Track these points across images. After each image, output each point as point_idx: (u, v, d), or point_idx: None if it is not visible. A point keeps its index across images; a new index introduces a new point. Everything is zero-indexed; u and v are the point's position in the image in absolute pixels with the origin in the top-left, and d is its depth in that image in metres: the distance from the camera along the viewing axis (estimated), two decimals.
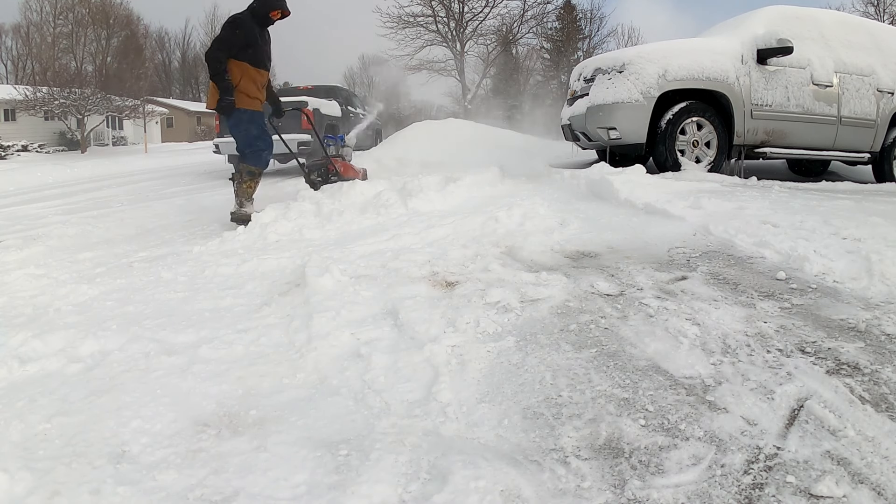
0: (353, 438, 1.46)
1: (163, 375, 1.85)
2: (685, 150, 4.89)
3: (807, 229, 2.69)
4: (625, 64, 4.89)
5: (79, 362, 1.98)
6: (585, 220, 3.28)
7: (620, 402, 1.53)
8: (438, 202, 3.84)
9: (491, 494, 1.22)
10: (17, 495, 1.29)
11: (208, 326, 2.21)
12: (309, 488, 1.29)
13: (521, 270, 2.50)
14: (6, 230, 4.55)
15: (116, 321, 2.35)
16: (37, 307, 2.61)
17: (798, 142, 5.18)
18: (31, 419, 1.61)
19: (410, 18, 22.64)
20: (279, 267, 2.85)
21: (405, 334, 2.00)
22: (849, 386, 1.52)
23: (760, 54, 4.96)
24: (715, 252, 2.63)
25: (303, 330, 2.08)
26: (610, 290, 2.27)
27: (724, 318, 1.93)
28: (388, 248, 2.98)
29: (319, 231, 3.47)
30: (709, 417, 1.44)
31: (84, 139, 20.99)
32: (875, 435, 1.33)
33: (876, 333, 1.80)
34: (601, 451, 1.36)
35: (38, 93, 20.35)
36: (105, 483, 1.33)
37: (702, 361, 1.69)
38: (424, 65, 23.61)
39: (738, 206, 3.22)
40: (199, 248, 3.41)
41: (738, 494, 1.20)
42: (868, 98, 5.27)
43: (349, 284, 2.47)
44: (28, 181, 10.65)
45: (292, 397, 1.68)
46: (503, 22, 24.25)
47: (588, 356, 1.78)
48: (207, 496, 1.28)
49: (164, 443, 1.49)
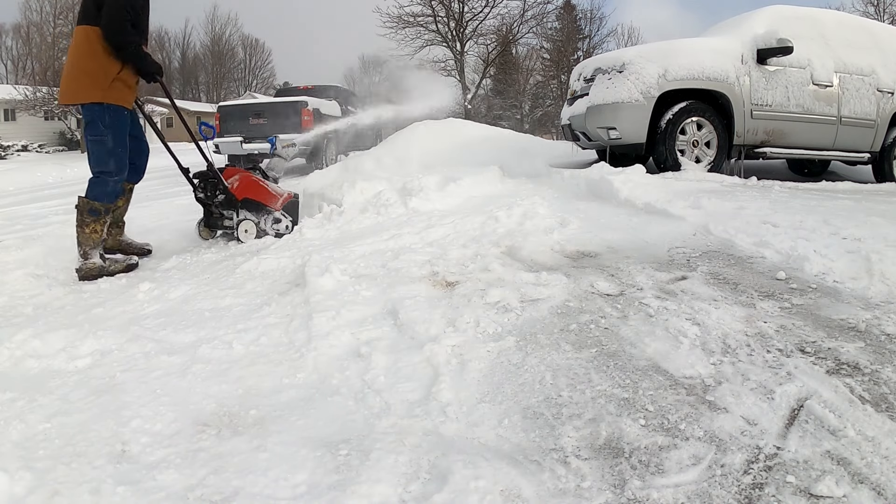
0: (353, 438, 1.46)
1: (163, 375, 1.85)
2: (685, 149, 4.89)
3: (807, 229, 2.68)
4: (625, 64, 4.89)
5: (79, 362, 1.98)
6: (585, 220, 3.28)
7: (620, 402, 1.53)
8: (438, 202, 3.84)
9: (491, 494, 1.22)
10: (17, 495, 1.29)
11: (208, 326, 2.21)
12: (309, 488, 1.29)
13: (521, 270, 2.50)
14: (6, 230, 4.55)
15: (116, 321, 2.35)
16: (37, 307, 2.61)
17: (798, 142, 5.17)
18: (31, 419, 1.61)
19: (410, 18, 22.63)
20: (279, 266, 2.85)
21: (405, 334, 2.00)
22: (849, 386, 1.52)
23: (760, 54, 4.96)
24: (715, 252, 2.62)
25: (303, 330, 2.08)
26: (610, 289, 2.27)
27: (724, 318, 1.93)
28: (388, 247, 2.98)
29: (319, 230, 3.47)
30: (709, 417, 1.44)
31: (84, 139, 20.99)
32: (875, 435, 1.33)
33: (876, 333, 1.79)
34: (601, 451, 1.36)
35: (38, 93, 20.35)
36: (105, 483, 1.32)
37: (702, 361, 1.69)
38: (424, 65, 23.60)
39: (738, 206, 3.22)
40: (199, 248, 3.41)
41: (738, 494, 1.19)
42: (868, 98, 5.26)
43: (349, 284, 2.47)
44: (28, 181, 10.66)
45: (292, 397, 1.68)
46: (503, 22, 24.22)
47: (588, 356, 1.78)
48: (207, 496, 1.28)
49: (164, 442, 1.49)
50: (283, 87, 13.14)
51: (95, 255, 3.13)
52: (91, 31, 2.99)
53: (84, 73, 3.01)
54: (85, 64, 3.00)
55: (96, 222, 3.13)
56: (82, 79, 3.02)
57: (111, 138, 3.07)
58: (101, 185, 3.12)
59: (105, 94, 3.02)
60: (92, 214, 3.11)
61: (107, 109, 3.05)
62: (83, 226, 3.11)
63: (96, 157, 3.11)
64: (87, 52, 3.00)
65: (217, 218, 3.56)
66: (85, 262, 3.10)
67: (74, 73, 3.04)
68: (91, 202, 3.11)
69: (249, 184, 3.53)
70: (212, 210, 3.55)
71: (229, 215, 3.54)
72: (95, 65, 3.00)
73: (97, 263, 3.11)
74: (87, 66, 3.00)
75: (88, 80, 3.01)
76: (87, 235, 3.11)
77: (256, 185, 3.57)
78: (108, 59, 3.00)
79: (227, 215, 3.53)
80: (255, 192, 3.53)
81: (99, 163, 3.11)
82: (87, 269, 3.08)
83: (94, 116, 3.05)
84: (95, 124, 3.06)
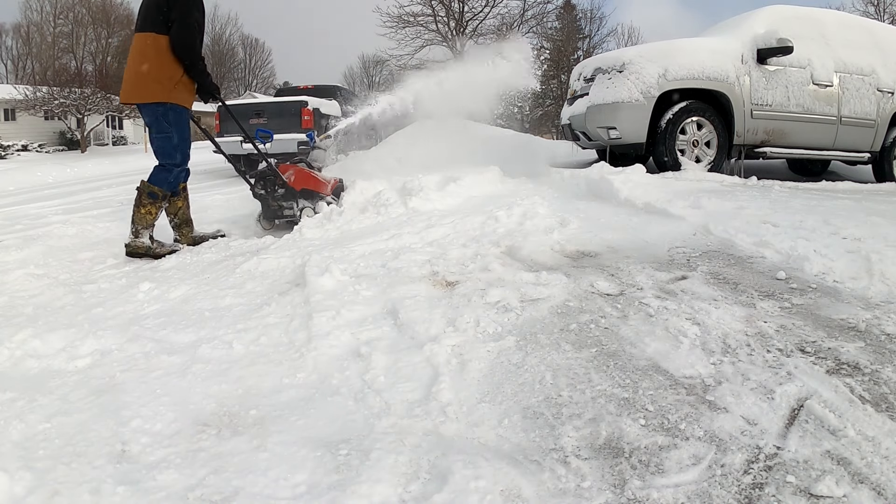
0: (353, 438, 1.46)
1: (163, 375, 1.85)
2: (685, 149, 4.89)
3: (807, 229, 2.69)
4: (625, 63, 4.89)
5: (79, 362, 1.98)
6: (585, 220, 3.28)
7: (620, 402, 1.53)
8: (438, 202, 3.84)
9: (491, 494, 1.22)
10: (17, 495, 1.29)
11: (208, 326, 2.21)
12: (309, 488, 1.29)
13: (521, 270, 2.50)
14: (6, 230, 4.55)
15: (116, 320, 2.35)
16: (37, 307, 2.61)
17: (798, 141, 5.18)
18: (31, 419, 1.61)
19: (410, 18, 22.62)
20: (279, 266, 2.85)
21: (405, 334, 2.00)
22: (849, 386, 1.52)
23: (760, 54, 4.96)
24: (715, 252, 2.62)
25: (303, 329, 2.08)
26: (610, 289, 2.27)
27: (725, 318, 1.93)
28: (388, 247, 2.98)
29: (319, 230, 3.47)
30: (709, 417, 1.44)
31: (84, 139, 20.98)
32: (875, 435, 1.33)
33: (876, 333, 1.79)
34: (601, 451, 1.36)
35: (38, 92, 20.35)
36: (105, 483, 1.32)
37: (702, 361, 1.69)
38: (424, 64, 23.58)
39: (738, 206, 3.22)
40: (199, 248, 3.41)
41: (738, 494, 1.20)
42: (868, 98, 5.26)
43: (349, 284, 2.47)
44: (28, 181, 10.66)
45: (292, 397, 1.68)
46: (503, 22, 24.21)
47: (588, 356, 1.78)
48: (207, 496, 1.28)
49: (164, 442, 1.49)
50: (284, 86, 13.13)
51: (146, 235, 3.42)
52: (159, 39, 3.24)
53: (150, 77, 3.26)
54: (151, 68, 3.26)
55: (152, 205, 3.42)
56: (148, 83, 3.27)
57: (176, 134, 3.37)
58: (164, 173, 3.43)
59: (169, 96, 3.30)
60: (150, 197, 3.41)
61: (170, 109, 3.33)
62: (140, 206, 3.40)
63: (163, 151, 3.41)
64: (153, 58, 3.26)
65: (276, 209, 3.92)
66: (135, 239, 3.39)
67: (140, 77, 3.28)
68: (151, 186, 3.41)
69: (304, 176, 3.94)
70: (269, 203, 3.90)
71: (289, 205, 3.89)
72: (162, 70, 3.27)
73: (145, 243, 3.40)
74: (154, 71, 3.26)
75: (155, 83, 3.27)
76: (142, 216, 3.40)
77: (309, 176, 3.99)
78: (174, 64, 3.29)
79: (287, 205, 3.89)
80: (310, 182, 3.95)
81: (165, 156, 3.42)
82: (135, 247, 3.37)
83: (157, 115, 3.33)
84: (160, 123, 3.34)
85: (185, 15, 3.22)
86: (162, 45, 3.24)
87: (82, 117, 20.74)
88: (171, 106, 3.33)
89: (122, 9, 31.09)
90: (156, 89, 3.27)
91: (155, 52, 3.25)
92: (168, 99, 3.30)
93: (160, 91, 3.27)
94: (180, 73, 3.32)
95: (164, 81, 3.27)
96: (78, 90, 20.25)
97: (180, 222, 3.72)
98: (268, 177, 3.86)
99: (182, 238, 3.70)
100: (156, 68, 3.25)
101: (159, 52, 3.25)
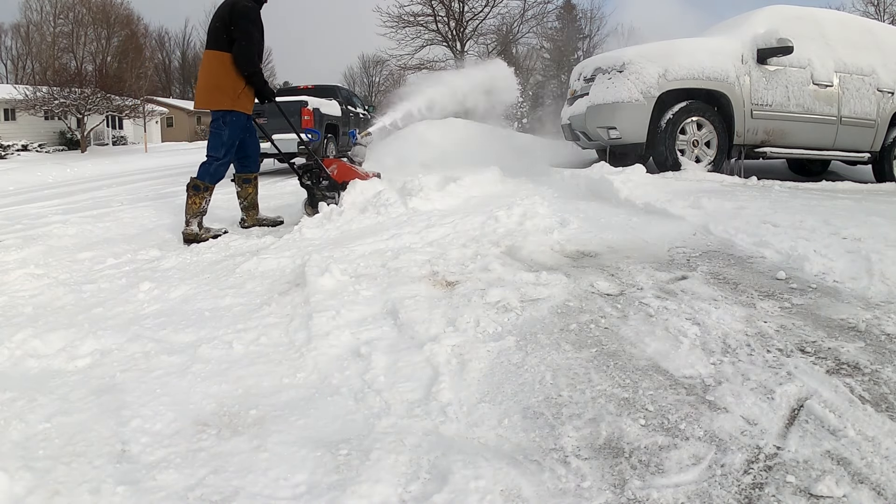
0: (353, 438, 1.46)
1: (163, 375, 1.85)
2: (685, 149, 4.89)
3: (807, 229, 2.69)
4: (625, 63, 4.89)
5: (79, 362, 1.98)
6: (585, 220, 3.28)
7: (620, 402, 1.53)
8: (438, 202, 3.84)
9: (491, 494, 1.22)
10: (17, 495, 1.29)
11: (208, 326, 2.21)
12: (309, 488, 1.29)
13: (521, 270, 2.50)
14: (6, 230, 4.55)
15: (116, 320, 2.35)
16: (37, 306, 2.61)
17: (798, 141, 5.18)
18: (31, 419, 1.61)
19: (410, 18, 22.61)
20: (279, 266, 2.85)
21: (405, 334, 2.00)
22: (849, 386, 1.52)
23: (760, 54, 4.96)
24: (715, 252, 2.63)
25: (303, 329, 2.08)
26: (610, 289, 2.27)
27: (725, 318, 1.93)
28: (388, 247, 2.98)
29: (319, 230, 3.47)
30: (709, 417, 1.44)
31: (84, 139, 20.98)
32: (875, 435, 1.33)
33: (876, 333, 1.80)
34: (601, 451, 1.36)
35: (38, 92, 20.34)
36: (105, 483, 1.32)
37: (702, 361, 1.69)
38: (424, 64, 23.57)
39: (738, 206, 3.22)
40: (199, 248, 3.41)
41: (738, 494, 1.19)
42: (868, 98, 5.26)
43: (349, 284, 2.47)
44: (28, 180, 10.66)
45: (292, 397, 1.68)
46: (503, 21, 24.20)
47: (588, 356, 1.78)
48: (207, 496, 1.28)
49: (164, 442, 1.49)
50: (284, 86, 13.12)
51: (194, 223, 3.87)
52: (224, 56, 3.80)
53: (218, 88, 3.85)
54: (219, 81, 3.84)
55: (196, 196, 3.88)
56: (216, 93, 3.86)
57: (227, 133, 3.87)
58: (206, 167, 3.89)
59: (233, 104, 3.85)
60: (194, 190, 3.88)
61: (230, 113, 3.87)
62: (189, 198, 3.89)
63: (212, 144, 3.91)
64: (220, 73, 3.82)
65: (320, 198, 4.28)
66: (186, 227, 3.86)
67: (210, 88, 3.89)
68: (196, 180, 3.89)
69: (346, 169, 4.31)
70: (314, 193, 4.33)
71: (332, 195, 4.24)
72: (228, 82, 3.82)
73: (193, 230, 3.84)
74: (221, 84, 3.83)
75: (221, 94, 3.84)
76: (189, 206, 3.88)
77: (350, 170, 4.33)
78: (237, 78, 3.83)
79: (330, 195, 4.25)
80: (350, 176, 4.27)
81: (213, 149, 3.90)
82: (186, 234, 3.83)
83: (219, 116, 3.89)
84: (218, 121, 3.89)
85: (244, 34, 3.76)
86: (227, 61, 3.79)
87: (82, 117, 20.73)
88: (233, 112, 3.87)
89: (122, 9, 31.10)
90: (222, 99, 3.84)
91: (221, 68, 3.81)
92: (232, 107, 3.85)
93: (226, 100, 3.84)
94: (242, 85, 3.84)
95: (229, 92, 3.82)
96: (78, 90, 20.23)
97: (248, 206, 4.30)
98: (313, 169, 4.32)
99: (248, 219, 4.29)
100: (224, 81, 3.82)
101: (225, 68, 3.80)
